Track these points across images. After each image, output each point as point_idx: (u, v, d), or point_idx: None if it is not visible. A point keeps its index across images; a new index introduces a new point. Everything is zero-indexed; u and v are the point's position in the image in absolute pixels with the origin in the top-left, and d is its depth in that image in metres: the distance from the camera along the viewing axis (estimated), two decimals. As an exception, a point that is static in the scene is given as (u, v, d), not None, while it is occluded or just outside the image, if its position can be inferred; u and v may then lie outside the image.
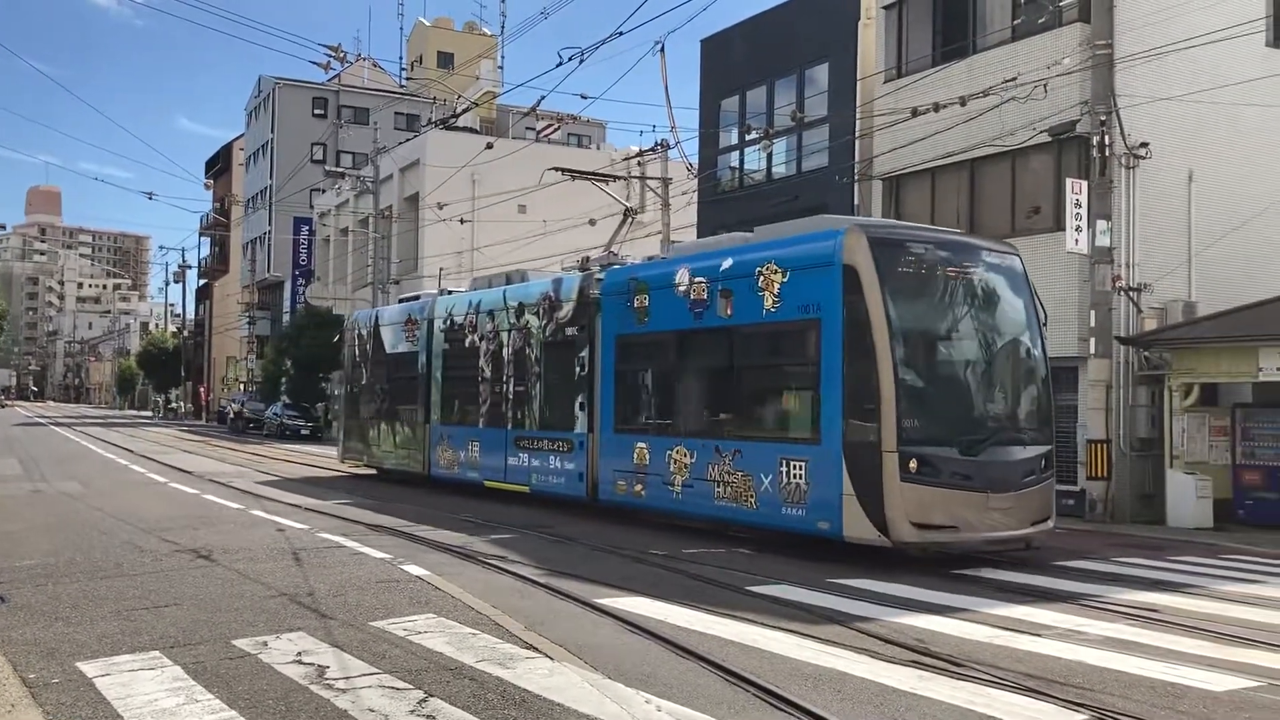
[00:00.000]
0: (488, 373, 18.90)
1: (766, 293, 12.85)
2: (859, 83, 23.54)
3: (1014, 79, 18.42)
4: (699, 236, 28.92)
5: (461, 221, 37.21)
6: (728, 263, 13.67)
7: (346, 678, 6.45)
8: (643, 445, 14.76)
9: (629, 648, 7.50)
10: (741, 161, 27.31)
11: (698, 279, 14.12)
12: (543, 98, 37.76)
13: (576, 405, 16.35)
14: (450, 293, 22.22)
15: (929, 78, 21.08)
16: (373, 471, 24.31)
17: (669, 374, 14.79)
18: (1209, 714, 6.15)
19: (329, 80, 63.71)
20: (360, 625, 8.00)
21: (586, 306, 16.33)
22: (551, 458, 16.92)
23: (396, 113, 62.85)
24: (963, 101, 19.05)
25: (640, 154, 30.38)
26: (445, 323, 20.62)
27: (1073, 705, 6.13)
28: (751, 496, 12.81)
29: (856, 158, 23.37)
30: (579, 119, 46.56)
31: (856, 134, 23.34)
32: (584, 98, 65.46)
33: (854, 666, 7.00)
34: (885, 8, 22.84)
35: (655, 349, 15.03)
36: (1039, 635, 8.15)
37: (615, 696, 6.12)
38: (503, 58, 72.88)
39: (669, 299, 14.55)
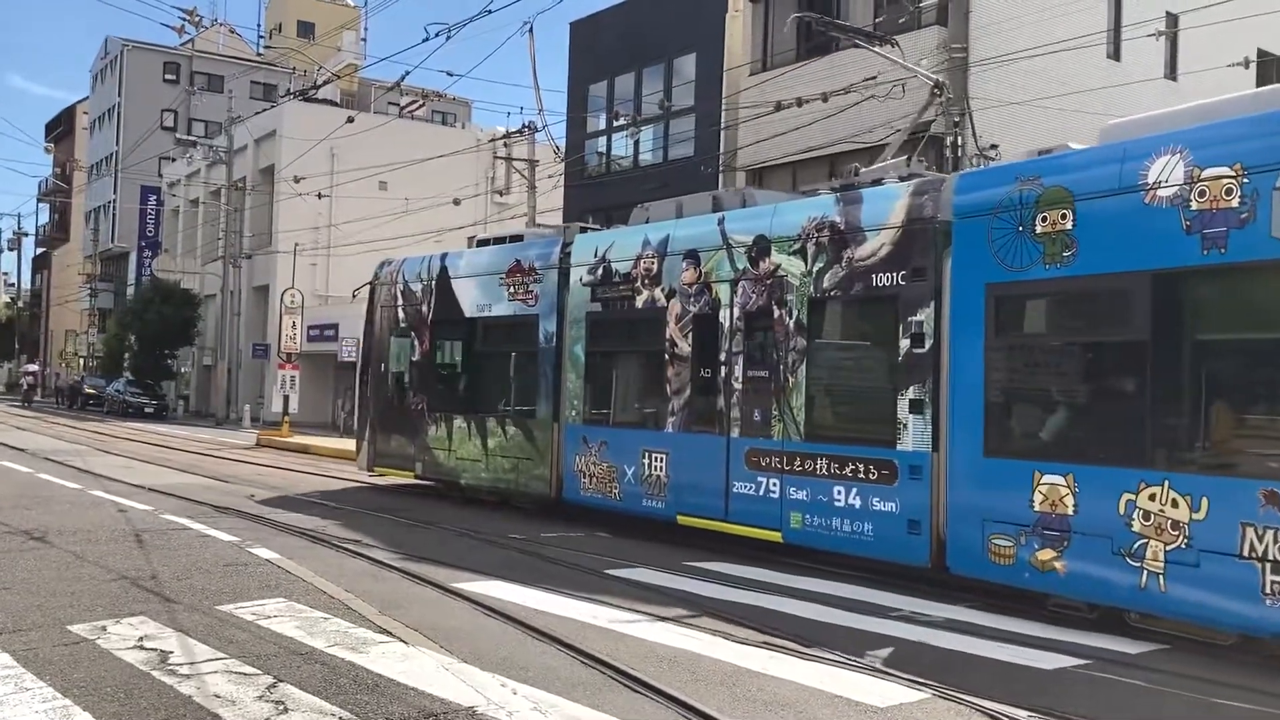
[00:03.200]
0: (684, 348, 12.00)
1: None
2: (725, 74, 23.83)
3: (874, 78, 18.93)
4: (565, 222, 28.96)
5: (320, 196, 36.24)
6: None
7: (191, 663, 6.24)
8: (1056, 483, 8.28)
9: (486, 631, 7.46)
10: (609, 147, 27.36)
11: (1218, 172, 7.51)
12: (407, 73, 37.09)
13: (900, 404, 9.61)
14: (587, 229, 15.26)
15: (793, 72, 21.49)
16: (419, 483, 16.88)
17: (1132, 352, 8.06)
18: (1039, 691, 6.43)
19: (182, 45, 61.27)
20: (206, 610, 7.75)
21: (920, 237, 9.61)
22: (842, 490, 10.05)
23: (253, 81, 60.79)
24: (825, 98, 19.48)
25: (507, 135, 30.12)
26: (594, 272, 13.34)
27: (916, 684, 6.37)
28: None
29: (722, 148, 23.66)
30: (444, 96, 45.95)
31: (722, 125, 23.63)
32: (450, 75, 64.85)
33: (708, 648, 7.13)
34: (752, 1, 23.15)
35: (1095, 305, 8.55)
36: (886, 617, 8.42)
37: (471, 680, 6.09)
38: (366, 30, 71.03)
39: (1129, 215, 8.02)
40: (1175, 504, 7.49)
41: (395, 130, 39.70)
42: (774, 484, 10.76)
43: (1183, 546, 7.42)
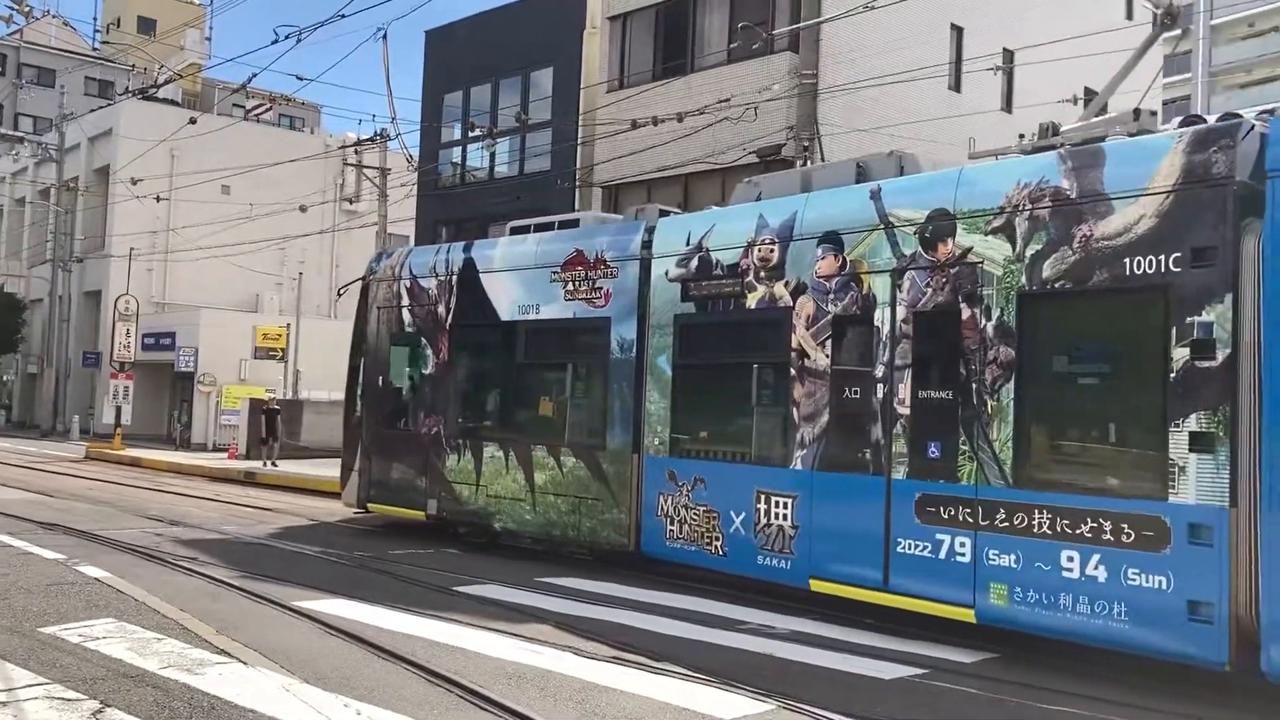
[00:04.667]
0: (818, 359, 9.27)
1: None
2: (582, 90, 23.94)
3: (728, 100, 19.31)
4: (417, 232, 28.50)
5: (158, 199, 34.77)
6: None
7: (9, 689, 5.88)
8: None
9: (329, 651, 7.26)
10: (464, 158, 27.11)
11: None
12: (254, 75, 35.78)
13: (1173, 439, 7.06)
14: (669, 212, 12.17)
15: (649, 92, 21.73)
16: (424, 520, 13.33)
17: None
18: (880, 701, 6.64)
19: (9, 35, 58.01)
20: (27, 632, 7.31)
21: (1205, 205, 7.07)
22: (1075, 556, 7.41)
23: (88, 77, 58.18)
24: (680, 118, 19.76)
25: (359, 142, 29.52)
26: (685, 264, 10.57)
27: (762, 695, 6.49)
28: None
29: (578, 164, 23.74)
30: (293, 100, 44.82)
31: (579, 140, 23.71)
32: (300, 79, 63.08)
33: (557, 664, 7.12)
34: (610, 19, 23.34)
35: None
36: (736, 630, 8.56)
37: (313, 702, 5.91)
38: (211, 29, 68.83)
39: None
40: None
41: (240, 133, 38.44)
42: (962, 543, 8.03)
43: None
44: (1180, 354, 7.04)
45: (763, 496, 9.58)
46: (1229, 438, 6.82)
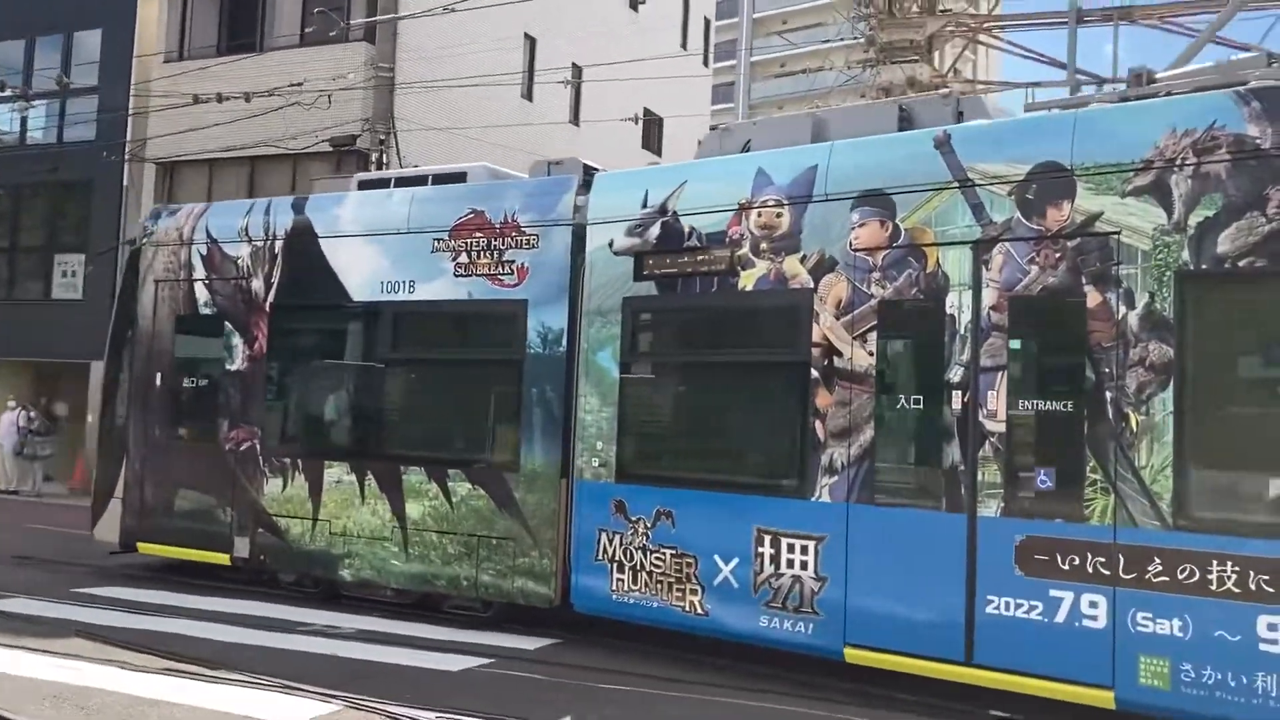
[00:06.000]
0: (858, 358, 7.14)
1: None
2: (136, 59, 22.09)
3: (300, 84, 18.61)
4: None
5: None
6: None
7: None
8: None
9: None
10: (-10, 119, 24.02)
11: None
12: None
13: None
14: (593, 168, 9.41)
15: (214, 67, 20.34)
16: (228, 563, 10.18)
17: None
18: (448, 693, 6.69)
19: None
20: None
21: None
22: (1277, 624, 5.63)
23: None
24: (247, 97, 18.72)
25: None
26: (640, 233, 8.18)
27: (327, 696, 6.40)
28: None
29: (129, 136, 21.86)
30: None
31: (130, 111, 21.84)
32: None
33: (101, 679, 6.66)
34: (169, -15, 21.70)
35: None
36: (296, 633, 8.30)
37: None
38: None
39: None
40: None
41: None
42: (1094, 603, 6.15)
43: None
44: None
45: (767, 537, 7.34)
46: None
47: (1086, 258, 6.35)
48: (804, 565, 7.17)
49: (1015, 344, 6.56)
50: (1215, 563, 5.76)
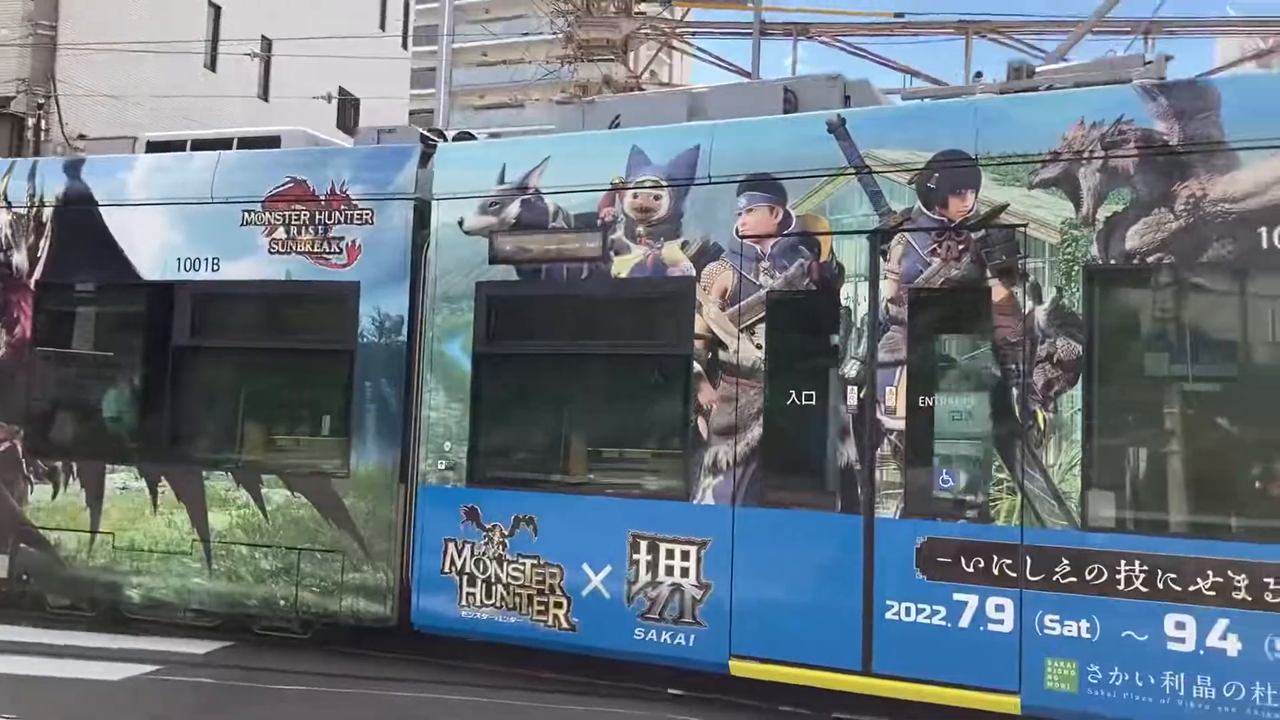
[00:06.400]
0: (744, 351, 6.66)
1: None
2: None
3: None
4: None
5: None
6: None
7: None
8: None
9: None
10: None
11: None
12: None
13: None
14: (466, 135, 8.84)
15: None
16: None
17: None
18: (112, 702, 6.50)
19: None
20: None
21: None
22: (1188, 623, 5.57)
23: None
24: None
25: None
26: (495, 210, 7.35)
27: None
28: None
29: None
30: None
31: None
32: None
33: None
34: None
35: None
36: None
37: None
38: None
39: None
40: None
41: None
42: (1000, 607, 5.93)
43: None
44: None
45: (643, 543, 6.73)
46: None
47: (992, 250, 6.11)
48: (685, 572, 6.61)
49: (916, 338, 6.27)
50: (1123, 562, 5.69)
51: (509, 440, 7.47)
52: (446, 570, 7.24)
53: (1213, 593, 5.48)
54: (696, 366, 6.71)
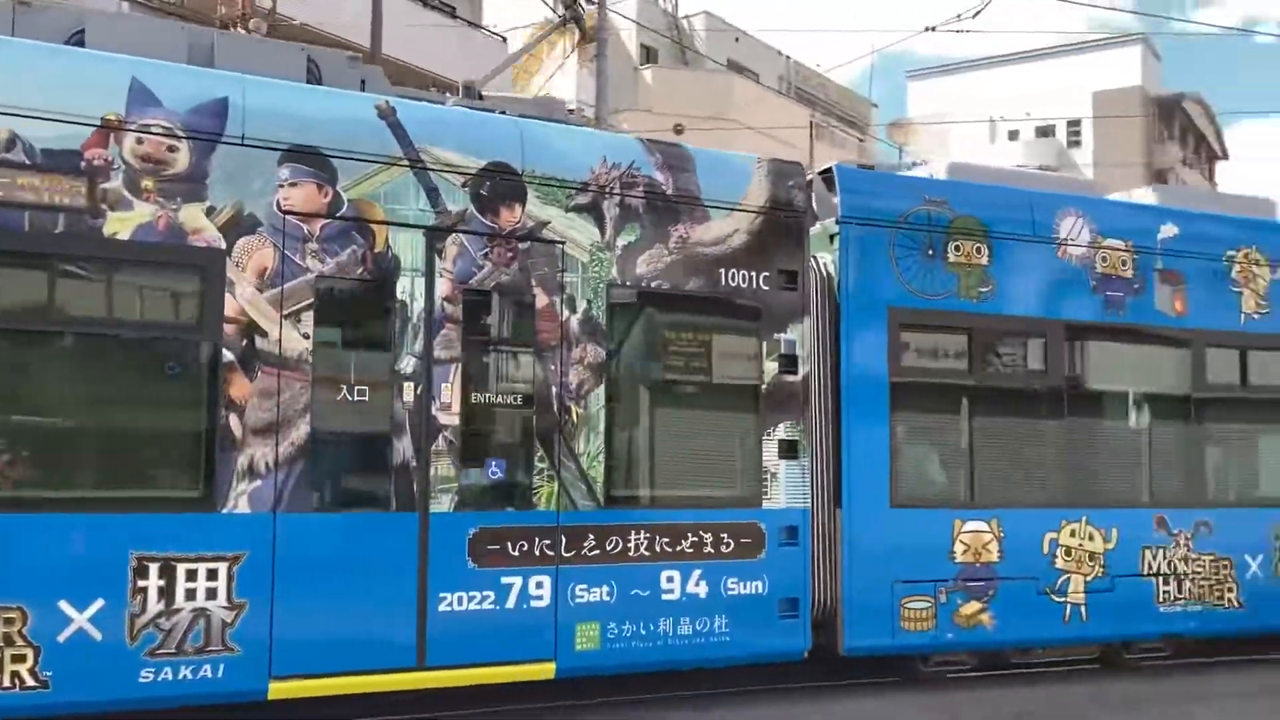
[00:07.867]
0: (291, 341, 5.84)
1: None
2: None
3: None
4: None
5: None
6: None
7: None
8: None
9: None
10: None
11: None
12: None
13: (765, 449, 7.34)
14: None
15: None
16: None
17: None
18: None
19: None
20: None
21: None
22: (675, 576, 6.93)
23: None
24: None
25: None
26: None
27: None
28: None
29: None
30: None
31: None
32: None
33: None
34: None
35: None
36: None
37: None
38: None
39: None
40: None
41: None
42: (539, 584, 6.49)
43: None
44: (770, 367, 7.33)
45: (149, 566, 5.64)
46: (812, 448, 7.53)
47: (536, 261, 6.72)
48: (211, 594, 5.78)
49: (469, 337, 6.52)
50: (634, 533, 6.82)
51: None
52: None
53: (691, 550, 6.96)
54: (228, 355, 5.90)
